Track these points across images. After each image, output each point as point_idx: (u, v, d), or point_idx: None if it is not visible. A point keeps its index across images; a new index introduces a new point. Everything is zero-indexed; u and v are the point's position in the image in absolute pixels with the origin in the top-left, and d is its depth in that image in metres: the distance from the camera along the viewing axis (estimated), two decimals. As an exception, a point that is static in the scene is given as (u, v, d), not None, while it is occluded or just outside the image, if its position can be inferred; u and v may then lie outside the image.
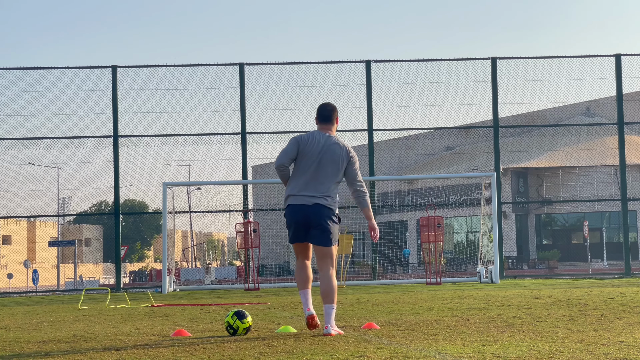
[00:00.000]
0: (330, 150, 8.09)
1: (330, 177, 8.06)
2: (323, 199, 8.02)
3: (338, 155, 8.08)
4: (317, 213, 7.99)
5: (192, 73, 33.01)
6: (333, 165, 8.06)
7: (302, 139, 8.17)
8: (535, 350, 6.32)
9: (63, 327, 9.95)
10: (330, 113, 8.29)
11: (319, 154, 8.08)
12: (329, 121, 8.26)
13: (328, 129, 8.25)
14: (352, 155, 8.17)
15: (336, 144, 8.14)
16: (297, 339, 7.54)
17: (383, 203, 48.51)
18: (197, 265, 73.94)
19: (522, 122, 49.22)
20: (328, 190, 8.06)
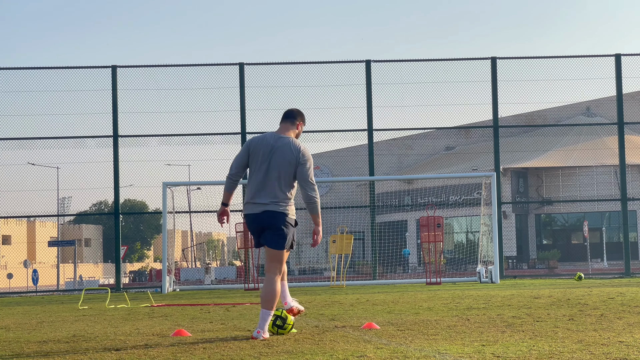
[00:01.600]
0: (280, 151, 7.83)
1: (281, 180, 7.80)
2: (273, 205, 7.79)
3: (288, 156, 7.80)
4: (268, 219, 7.80)
5: (192, 73, 33.02)
6: (283, 167, 7.79)
7: (252, 142, 7.96)
8: (535, 350, 6.32)
9: (63, 327, 9.95)
10: (293, 115, 8.08)
11: (268, 156, 7.83)
12: (287, 120, 8.05)
13: (285, 129, 8.02)
14: (303, 154, 7.84)
15: (287, 144, 7.86)
16: (297, 339, 7.54)
17: (383, 203, 48.50)
18: (197, 265, 73.94)
19: (522, 122, 49.23)
20: (279, 194, 7.80)
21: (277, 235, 7.80)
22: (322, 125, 29.75)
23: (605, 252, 47.14)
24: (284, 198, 7.82)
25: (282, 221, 7.79)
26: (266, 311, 7.75)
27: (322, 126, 28.57)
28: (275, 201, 7.79)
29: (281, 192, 7.81)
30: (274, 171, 7.80)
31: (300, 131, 8.14)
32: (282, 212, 7.79)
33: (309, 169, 7.83)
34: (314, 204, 7.85)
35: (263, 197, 7.82)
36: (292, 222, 7.88)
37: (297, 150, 7.83)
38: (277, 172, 7.79)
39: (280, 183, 7.79)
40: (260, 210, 7.80)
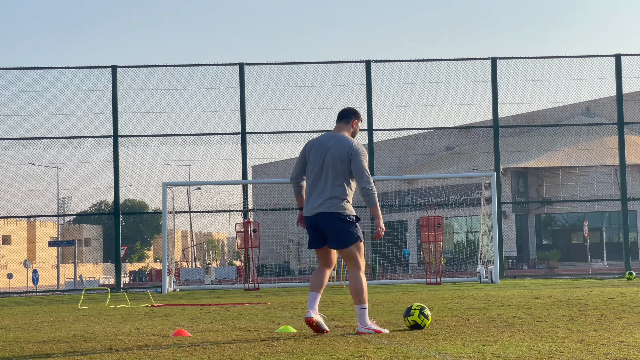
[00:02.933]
0: (332, 149, 7.90)
1: (335, 178, 7.86)
2: (325, 206, 7.85)
3: (340, 153, 7.86)
4: (323, 221, 7.87)
5: (192, 73, 33.05)
6: (336, 164, 7.85)
7: (308, 145, 8.09)
8: (535, 350, 6.32)
9: (63, 327, 9.95)
10: (347, 114, 8.15)
11: (323, 156, 7.92)
12: (341, 120, 8.13)
13: (340, 128, 8.11)
14: (355, 149, 7.88)
15: (339, 141, 7.93)
16: (297, 339, 7.54)
17: (383, 203, 48.47)
18: (197, 265, 73.96)
19: (522, 122, 49.22)
20: (333, 192, 7.85)
21: (336, 236, 7.85)
22: (322, 125, 29.71)
23: (605, 252, 47.14)
24: (337, 196, 7.85)
25: (337, 220, 7.82)
26: (358, 306, 7.86)
27: (322, 126, 28.51)
28: (328, 201, 7.85)
29: (335, 191, 7.85)
30: (327, 170, 7.87)
31: (357, 129, 8.19)
32: (334, 212, 7.82)
33: (363, 162, 7.84)
34: (369, 196, 7.83)
35: (316, 199, 7.91)
36: (348, 218, 7.86)
37: (348, 145, 7.87)
38: (330, 170, 7.86)
39: (334, 181, 7.85)
40: (314, 212, 7.90)
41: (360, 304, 7.84)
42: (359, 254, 7.92)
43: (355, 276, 7.90)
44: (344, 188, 7.87)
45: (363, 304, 7.84)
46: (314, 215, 7.89)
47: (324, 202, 7.86)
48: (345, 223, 7.85)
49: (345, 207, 7.87)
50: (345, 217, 7.85)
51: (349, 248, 7.88)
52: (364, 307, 7.85)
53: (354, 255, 7.90)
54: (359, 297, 7.83)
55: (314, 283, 7.97)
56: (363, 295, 7.85)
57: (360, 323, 7.84)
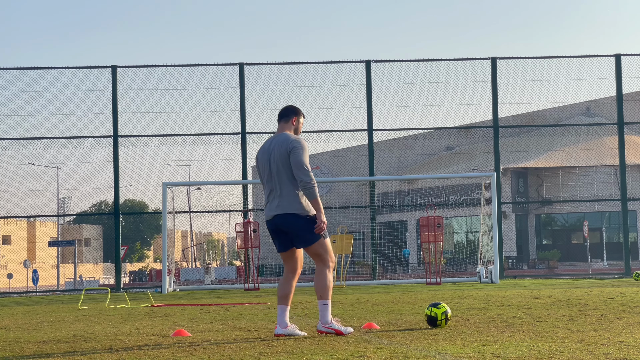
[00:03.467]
0: (275, 151, 7.84)
1: (285, 178, 7.78)
2: (282, 207, 7.77)
3: (282, 151, 7.78)
4: (283, 222, 7.79)
5: (192, 73, 33.05)
6: (281, 164, 7.79)
7: (256, 156, 8.06)
8: (535, 350, 6.32)
9: (63, 327, 9.95)
10: (286, 113, 8.05)
11: (269, 161, 7.88)
12: (281, 120, 8.03)
13: (281, 128, 8.03)
14: (292, 144, 7.77)
15: (280, 141, 7.85)
16: (297, 339, 7.54)
17: (383, 203, 48.51)
18: (197, 265, 73.94)
19: (522, 122, 49.22)
20: (286, 193, 7.78)
21: (299, 235, 7.79)
22: (322, 125, 29.81)
23: (605, 252, 47.14)
24: (291, 196, 7.78)
25: (296, 220, 7.75)
26: (320, 302, 7.77)
27: (322, 126, 28.65)
28: (283, 202, 7.79)
29: (287, 191, 7.78)
30: (275, 173, 7.82)
31: (299, 126, 8.07)
32: (291, 212, 7.75)
33: (300, 155, 7.70)
34: (309, 189, 7.68)
35: (271, 202, 7.88)
36: (308, 216, 7.77)
37: (287, 142, 7.79)
38: (278, 172, 7.80)
39: (285, 182, 7.78)
40: (272, 215, 7.85)
41: (322, 299, 7.76)
42: (324, 251, 7.82)
43: (320, 272, 7.82)
44: (296, 186, 7.78)
45: (325, 300, 7.75)
46: (272, 218, 7.83)
47: (279, 204, 7.79)
48: (304, 221, 7.76)
49: (301, 205, 7.76)
50: (304, 216, 7.76)
51: (313, 246, 7.79)
52: (326, 303, 7.76)
53: (319, 252, 7.81)
54: (322, 292, 7.76)
55: (282, 294, 7.88)
56: (326, 292, 7.76)
57: (321, 321, 7.76)
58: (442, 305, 8.35)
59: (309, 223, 7.76)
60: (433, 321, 8.31)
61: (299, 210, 7.76)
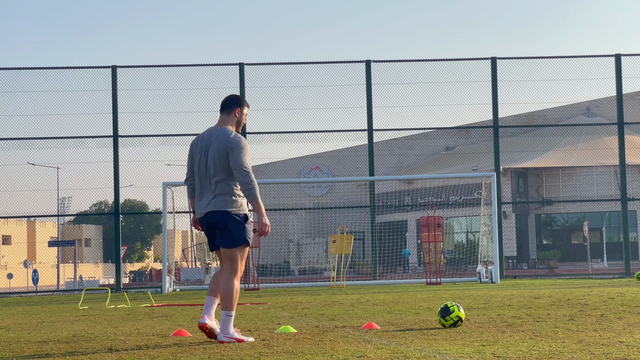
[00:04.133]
0: (214, 144, 7.52)
1: (220, 174, 7.47)
2: (213, 204, 7.47)
3: (219, 147, 7.48)
4: (213, 220, 7.50)
5: (192, 73, 32.98)
6: (218, 159, 7.47)
7: (193, 143, 7.73)
8: (535, 350, 6.32)
9: (63, 327, 9.95)
10: (228, 103, 7.71)
11: (206, 153, 7.55)
12: (223, 111, 7.70)
13: (223, 121, 7.70)
14: (232, 142, 7.46)
15: (219, 135, 7.54)
16: (297, 339, 7.54)
17: (383, 203, 48.51)
18: (197, 265, 73.85)
19: (522, 122, 49.23)
20: (219, 189, 7.47)
21: (225, 235, 7.48)
22: (322, 125, 29.77)
23: (605, 252, 47.13)
24: (224, 193, 7.47)
25: (226, 219, 7.45)
26: (224, 312, 7.42)
27: (322, 126, 28.60)
28: (215, 199, 7.47)
29: (220, 188, 7.47)
30: (211, 167, 7.49)
31: (242, 117, 7.74)
32: (222, 210, 7.46)
33: (239, 155, 7.40)
34: (249, 190, 7.41)
35: (204, 197, 7.54)
36: (239, 217, 7.49)
37: (226, 139, 7.47)
38: (213, 167, 7.48)
39: (219, 178, 7.47)
40: (204, 212, 7.54)
41: (226, 310, 7.40)
42: (239, 259, 7.54)
43: (228, 280, 7.49)
44: (230, 184, 7.49)
45: (229, 311, 7.40)
46: (204, 215, 7.54)
47: (211, 201, 7.49)
48: (234, 222, 7.48)
49: (234, 203, 7.48)
50: (235, 216, 7.48)
51: (233, 250, 7.50)
52: (230, 314, 7.41)
53: (235, 258, 7.51)
54: (227, 302, 7.41)
55: (212, 287, 7.60)
56: (231, 302, 7.43)
57: (222, 331, 7.40)
58: (452, 307, 8.36)
59: (238, 224, 7.48)
60: (459, 322, 8.35)
61: (230, 209, 7.47)
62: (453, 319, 8.31)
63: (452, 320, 8.31)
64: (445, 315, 8.35)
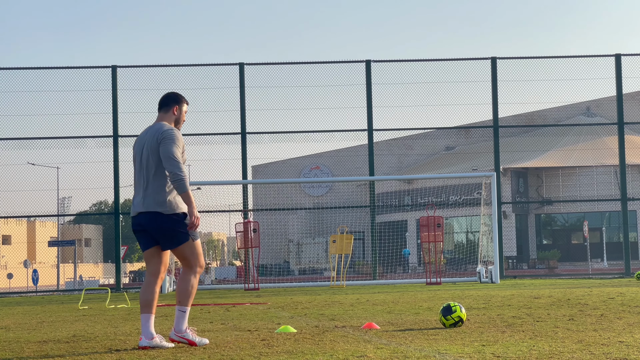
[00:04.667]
0: (148, 141, 7.23)
1: (154, 172, 7.18)
2: (147, 204, 7.17)
3: (152, 143, 7.18)
4: (146, 221, 7.19)
5: (192, 73, 33.03)
6: (151, 156, 7.18)
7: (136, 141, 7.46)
8: (535, 350, 6.32)
9: (63, 327, 9.95)
10: (166, 100, 7.45)
11: (141, 151, 7.27)
12: (160, 109, 7.43)
13: (160, 118, 7.41)
14: (164, 134, 7.17)
15: (154, 131, 7.24)
16: (297, 339, 7.54)
17: (383, 203, 48.51)
18: (197, 265, 73.88)
19: (522, 122, 49.24)
20: (152, 188, 7.17)
21: (164, 236, 7.20)
22: (322, 125, 29.80)
23: (605, 252, 47.13)
24: (158, 192, 7.17)
25: (160, 219, 7.15)
26: (178, 307, 7.22)
27: (322, 126, 28.62)
28: (149, 199, 7.18)
29: (154, 187, 7.18)
30: (144, 165, 7.23)
31: (181, 115, 7.46)
32: (154, 211, 7.15)
33: (170, 145, 7.09)
34: (178, 182, 7.04)
35: (138, 198, 7.28)
36: (173, 213, 7.16)
37: (159, 132, 7.19)
38: (147, 164, 7.21)
39: (153, 176, 7.18)
40: (136, 212, 7.27)
41: (180, 305, 7.19)
42: (191, 254, 7.23)
43: (184, 276, 7.26)
44: (164, 182, 7.19)
45: (183, 307, 7.18)
46: (136, 215, 7.27)
47: (143, 201, 7.21)
48: (169, 221, 7.16)
49: (167, 202, 7.16)
50: (170, 214, 7.15)
51: (180, 247, 7.20)
52: (184, 310, 7.18)
53: (186, 254, 7.22)
54: (181, 298, 7.19)
55: (145, 302, 7.17)
56: (187, 298, 7.19)
57: (175, 329, 7.17)
58: (454, 307, 8.37)
59: (175, 222, 7.17)
60: (459, 323, 8.37)
61: (163, 209, 7.15)
62: (454, 319, 8.31)
63: (453, 320, 8.31)
64: (447, 314, 8.34)
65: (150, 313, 7.17)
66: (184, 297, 7.20)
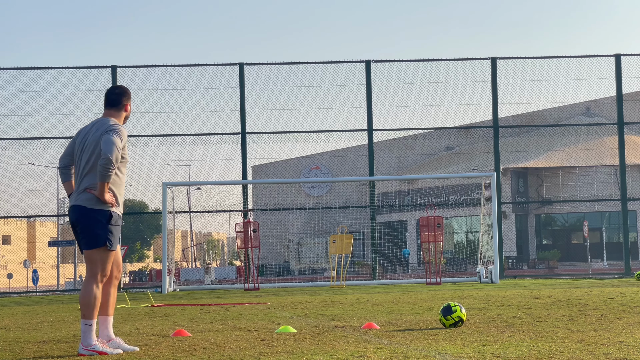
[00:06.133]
0: (91, 135, 6.88)
1: (91, 166, 6.83)
2: (78, 197, 6.82)
3: (96, 137, 6.84)
4: (74, 215, 6.83)
5: (192, 73, 33.03)
6: (91, 150, 6.84)
7: (78, 132, 7.08)
8: (535, 350, 6.32)
9: (63, 327, 9.95)
10: (115, 99, 7.06)
11: (84, 144, 6.90)
12: (110, 107, 7.06)
13: (109, 114, 7.05)
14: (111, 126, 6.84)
15: (100, 125, 6.91)
16: (297, 339, 7.53)
17: (383, 203, 48.51)
18: (197, 265, 73.94)
19: (522, 122, 49.22)
20: (86, 183, 6.83)
21: (83, 234, 6.81)
22: (322, 125, 29.79)
23: (605, 252, 47.13)
24: (92, 187, 6.80)
25: (86, 215, 6.77)
26: (82, 321, 6.78)
27: (322, 126, 28.61)
28: (82, 193, 6.83)
29: (88, 181, 6.83)
30: (83, 158, 6.89)
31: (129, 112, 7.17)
32: (83, 205, 6.78)
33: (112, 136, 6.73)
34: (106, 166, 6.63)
35: (76, 189, 6.91)
36: (100, 214, 6.78)
37: (105, 126, 6.86)
38: (85, 158, 6.87)
39: (89, 170, 6.83)
40: (72, 204, 6.89)
41: (84, 318, 6.72)
42: (100, 262, 6.78)
43: (86, 285, 6.77)
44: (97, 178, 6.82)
45: (88, 320, 6.71)
46: (71, 207, 6.88)
47: (78, 194, 6.86)
48: (93, 220, 6.76)
49: (95, 199, 6.78)
50: (92, 209, 6.77)
51: (91, 251, 6.78)
52: (89, 323, 6.71)
53: (94, 260, 6.76)
54: (85, 310, 6.72)
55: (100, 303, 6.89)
56: (90, 310, 6.72)
57: (82, 342, 6.73)
58: (455, 307, 8.39)
59: (97, 225, 6.77)
60: (459, 323, 8.38)
61: (87, 203, 6.80)
62: (454, 319, 8.31)
63: (452, 320, 8.31)
64: (447, 314, 8.34)
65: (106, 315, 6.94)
66: (87, 310, 6.72)
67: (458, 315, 8.32)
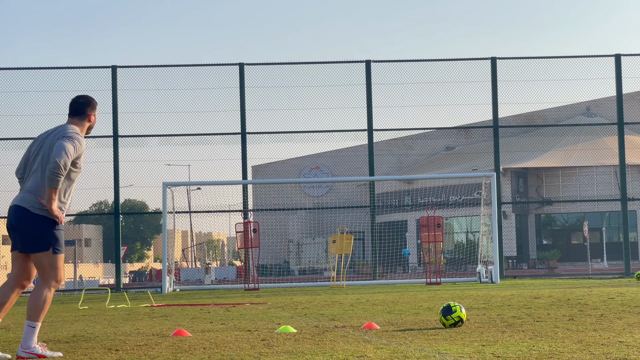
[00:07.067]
0: (50, 140, 6.74)
1: (39, 169, 6.68)
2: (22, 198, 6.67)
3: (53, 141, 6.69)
4: (14, 216, 6.67)
5: (192, 73, 33.05)
6: (44, 153, 6.70)
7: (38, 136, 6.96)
8: (535, 350, 6.32)
9: (63, 327, 9.95)
10: (80, 108, 6.90)
11: (40, 147, 6.78)
12: (74, 115, 6.90)
13: (72, 122, 6.88)
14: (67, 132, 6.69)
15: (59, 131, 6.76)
16: (297, 339, 7.53)
17: (383, 203, 48.49)
18: (197, 265, 73.91)
19: (522, 122, 49.20)
20: (29, 185, 6.69)
21: (24, 236, 6.64)
22: (322, 125, 29.78)
23: (605, 252, 47.12)
24: (33, 188, 6.66)
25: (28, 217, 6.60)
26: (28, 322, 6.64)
27: (322, 126, 28.60)
28: (26, 194, 6.68)
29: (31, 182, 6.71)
30: (34, 161, 6.79)
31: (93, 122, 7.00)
32: (24, 206, 6.62)
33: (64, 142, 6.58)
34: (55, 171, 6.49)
35: (21, 190, 6.79)
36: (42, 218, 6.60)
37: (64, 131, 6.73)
38: (39, 162, 6.74)
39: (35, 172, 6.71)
40: (12, 204, 6.73)
41: (30, 319, 6.60)
42: (50, 266, 6.62)
43: (37, 289, 6.63)
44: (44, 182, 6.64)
45: (34, 322, 6.60)
46: (11, 207, 6.72)
47: (22, 195, 6.70)
48: (37, 222, 6.59)
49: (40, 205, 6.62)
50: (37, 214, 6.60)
51: (37, 255, 6.61)
52: (34, 325, 6.59)
53: (43, 264, 6.60)
54: (33, 313, 6.59)
55: None
56: (37, 314, 6.60)
57: (22, 344, 6.60)
58: (455, 307, 8.39)
59: (41, 227, 6.60)
60: (459, 323, 8.39)
61: (31, 205, 6.63)
62: (454, 319, 8.31)
63: (452, 320, 8.31)
64: (447, 314, 8.34)
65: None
66: (34, 312, 6.59)
67: (458, 315, 8.31)
